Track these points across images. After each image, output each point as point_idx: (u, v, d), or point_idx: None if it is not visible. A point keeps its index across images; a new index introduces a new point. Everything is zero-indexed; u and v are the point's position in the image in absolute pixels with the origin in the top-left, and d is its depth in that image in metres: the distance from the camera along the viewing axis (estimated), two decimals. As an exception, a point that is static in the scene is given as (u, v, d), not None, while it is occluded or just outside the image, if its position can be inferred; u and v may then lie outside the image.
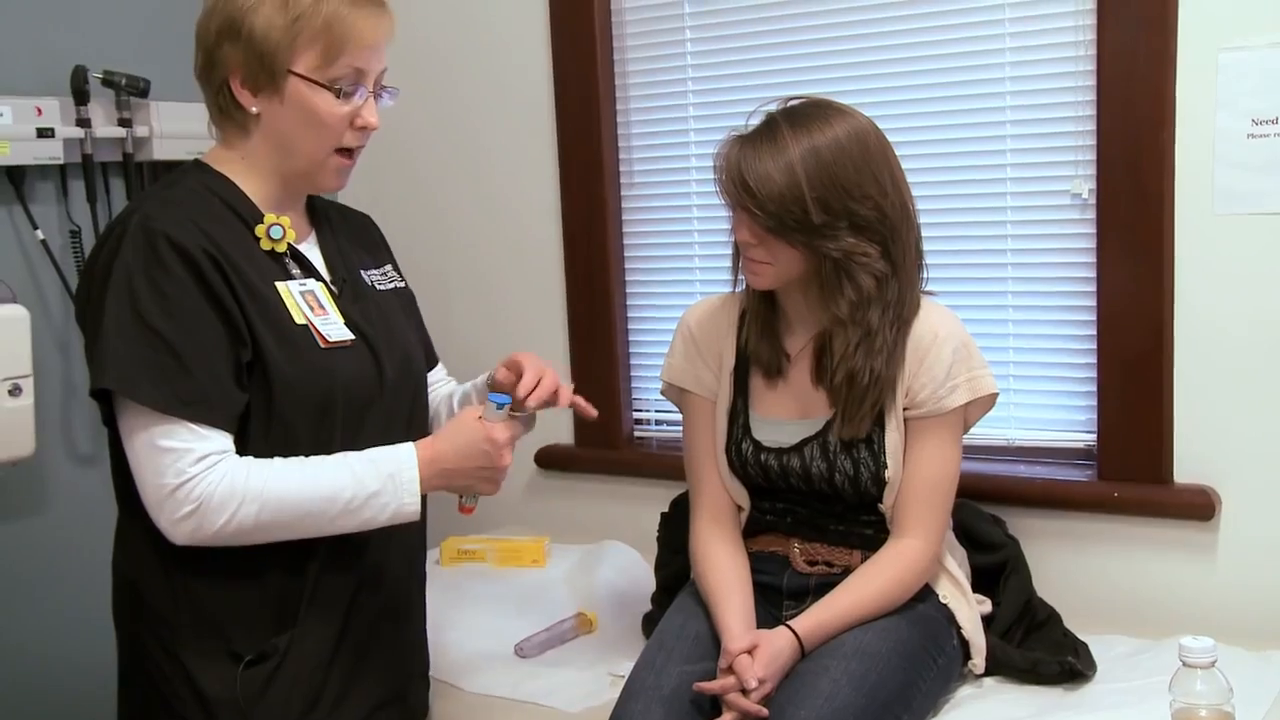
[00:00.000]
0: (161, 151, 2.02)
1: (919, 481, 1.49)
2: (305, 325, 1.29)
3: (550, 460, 2.25)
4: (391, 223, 1.60)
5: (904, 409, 1.49)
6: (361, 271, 1.44)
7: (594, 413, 1.42)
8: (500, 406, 1.32)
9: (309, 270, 1.36)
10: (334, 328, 1.32)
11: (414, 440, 1.36)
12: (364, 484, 1.27)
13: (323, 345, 1.30)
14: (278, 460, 1.27)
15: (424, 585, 1.51)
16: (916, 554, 1.49)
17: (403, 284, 1.50)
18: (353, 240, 1.47)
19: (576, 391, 1.42)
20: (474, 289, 2.34)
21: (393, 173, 2.34)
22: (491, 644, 1.77)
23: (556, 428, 2.23)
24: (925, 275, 1.54)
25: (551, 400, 1.40)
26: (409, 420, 1.41)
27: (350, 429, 1.32)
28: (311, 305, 1.31)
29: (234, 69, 1.29)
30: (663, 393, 1.69)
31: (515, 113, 2.23)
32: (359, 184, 1.56)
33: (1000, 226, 1.87)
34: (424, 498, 1.33)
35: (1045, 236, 1.84)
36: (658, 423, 2.23)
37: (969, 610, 1.55)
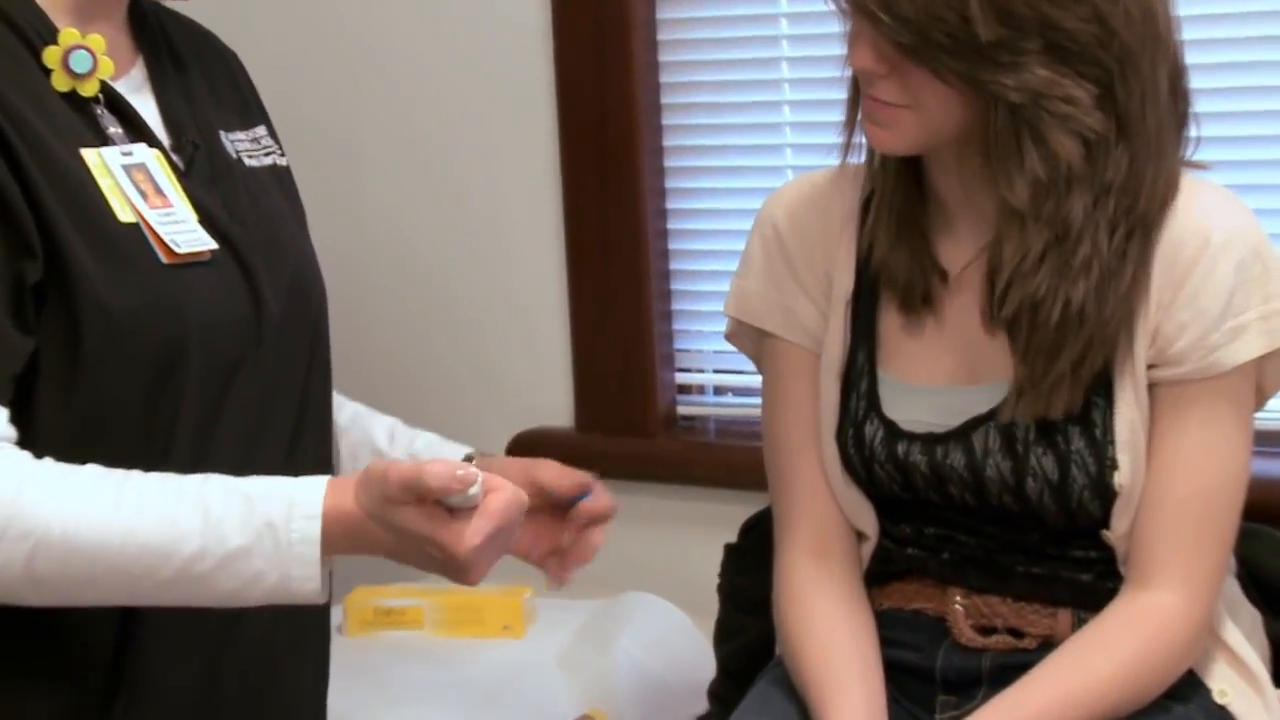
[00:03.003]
0: None
1: (1177, 492, 1.49)
2: (136, 224, 1.31)
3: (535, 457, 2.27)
4: (261, 59, 1.59)
5: (1148, 367, 1.48)
6: (223, 133, 1.45)
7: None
8: (471, 494, 1.26)
9: (136, 129, 1.37)
10: (183, 229, 1.33)
11: (313, 435, 1.41)
12: (221, 532, 1.24)
13: (165, 260, 1.31)
14: (90, 468, 1.26)
15: (325, 672, 1.54)
16: (1172, 617, 1.48)
17: (283, 159, 1.54)
18: (207, 80, 1.49)
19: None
20: (409, 166, 2.36)
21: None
22: (434, 768, 1.80)
23: (544, 403, 2.26)
24: (1194, 135, 1.51)
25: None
26: (303, 391, 1.44)
27: (207, 405, 1.34)
28: (145, 190, 1.32)
29: None
30: (728, 337, 1.70)
31: None
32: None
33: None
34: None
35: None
36: (718, 391, 2.27)
37: (1267, 716, 1.55)
